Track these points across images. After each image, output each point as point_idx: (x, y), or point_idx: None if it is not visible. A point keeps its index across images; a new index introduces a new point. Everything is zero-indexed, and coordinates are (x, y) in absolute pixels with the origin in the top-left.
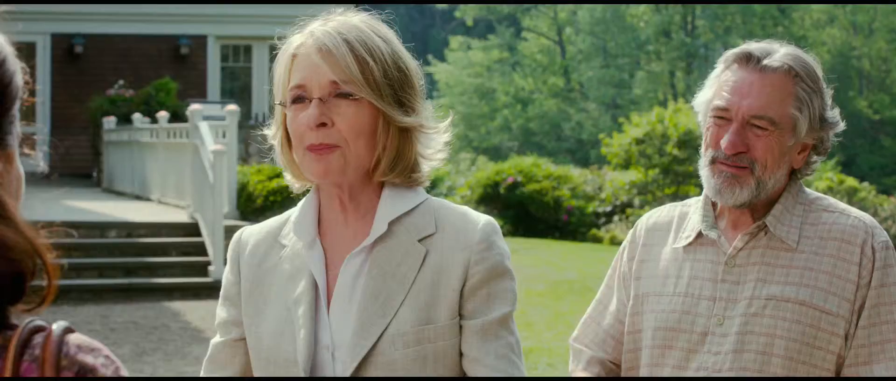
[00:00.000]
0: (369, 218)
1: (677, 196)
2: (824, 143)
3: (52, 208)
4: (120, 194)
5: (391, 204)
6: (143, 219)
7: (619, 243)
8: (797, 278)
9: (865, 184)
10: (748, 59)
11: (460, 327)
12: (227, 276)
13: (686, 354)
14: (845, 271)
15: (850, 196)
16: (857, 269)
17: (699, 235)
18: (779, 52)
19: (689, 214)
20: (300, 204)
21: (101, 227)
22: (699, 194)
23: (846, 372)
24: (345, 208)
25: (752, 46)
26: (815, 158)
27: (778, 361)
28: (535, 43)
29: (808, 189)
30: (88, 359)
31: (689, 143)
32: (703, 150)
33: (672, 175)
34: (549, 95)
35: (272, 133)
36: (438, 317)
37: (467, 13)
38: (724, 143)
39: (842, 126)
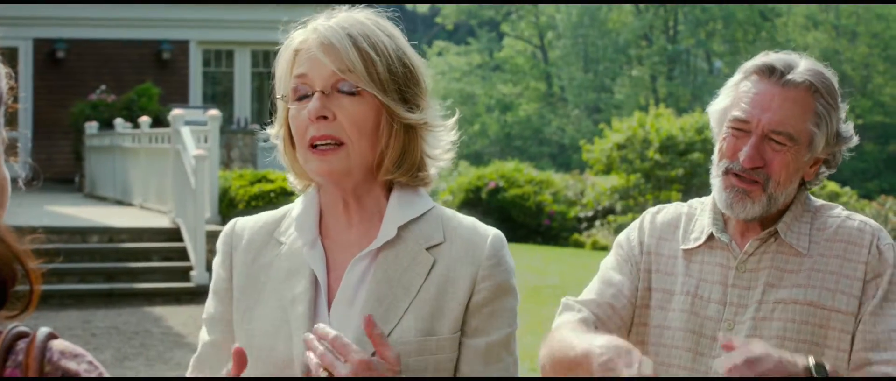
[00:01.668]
0: (375, 220)
1: (659, 201)
2: (836, 157)
3: (33, 213)
4: (102, 200)
5: (400, 208)
6: (125, 224)
7: (602, 248)
8: (804, 280)
9: (846, 189)
10: (771, 72)
11: (460, 342)
12: (217, 270)
13: (694, 355)
14: (852, 271)
15: (831, 201)
16: (863, 267)
17: (709, 237)
18: (800, 67)
19: (697, 215)
20: (301, 200)
21: (83, 232)
22: (681, 199)
23: (852, 358)
24: (348, 209)
25: (774, 58)
26: (824, 170)
27: None
28: (516, 47)
29: (813, 198)
30: (71, 365)
31: (670, 148)
32: (716, 158)
33: (654, 180)
34: (530, 100)
35: (275, 132)
36: (441, 329)
37: (448, 18)
38: (742, 156)
39: (855, 141)
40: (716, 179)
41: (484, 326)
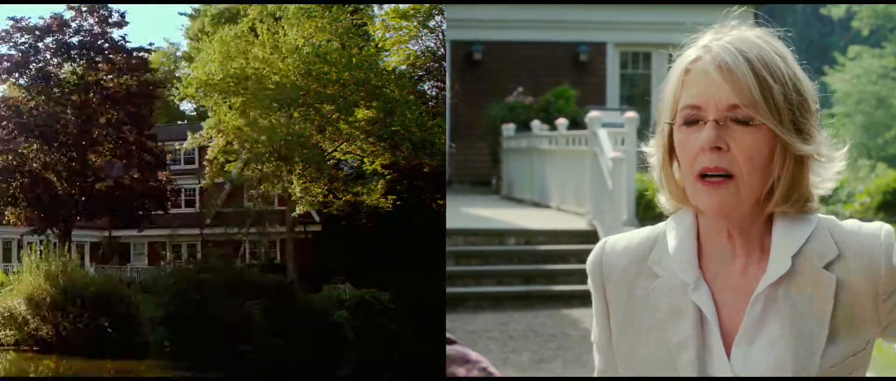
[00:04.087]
0: (758, 251)
1: None
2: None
3: (451, 216)
4: (519, 202)
5: (787, 236)
6: (542, 226)
7: None
8: None
9: None
10: None
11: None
12: (594, 295)
13: None
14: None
15: None
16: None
17: None
18: None
19: None
20: (674, 228)
21: (500, 234)
22: None
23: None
24: (732, 240)
25: None
26: None
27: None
28: None
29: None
30: None
31: None
32: None
33: None
34: None
35: (652, 150)
36: (859, 345)
37: (864, 22)
38: None
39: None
40: None
41: None
